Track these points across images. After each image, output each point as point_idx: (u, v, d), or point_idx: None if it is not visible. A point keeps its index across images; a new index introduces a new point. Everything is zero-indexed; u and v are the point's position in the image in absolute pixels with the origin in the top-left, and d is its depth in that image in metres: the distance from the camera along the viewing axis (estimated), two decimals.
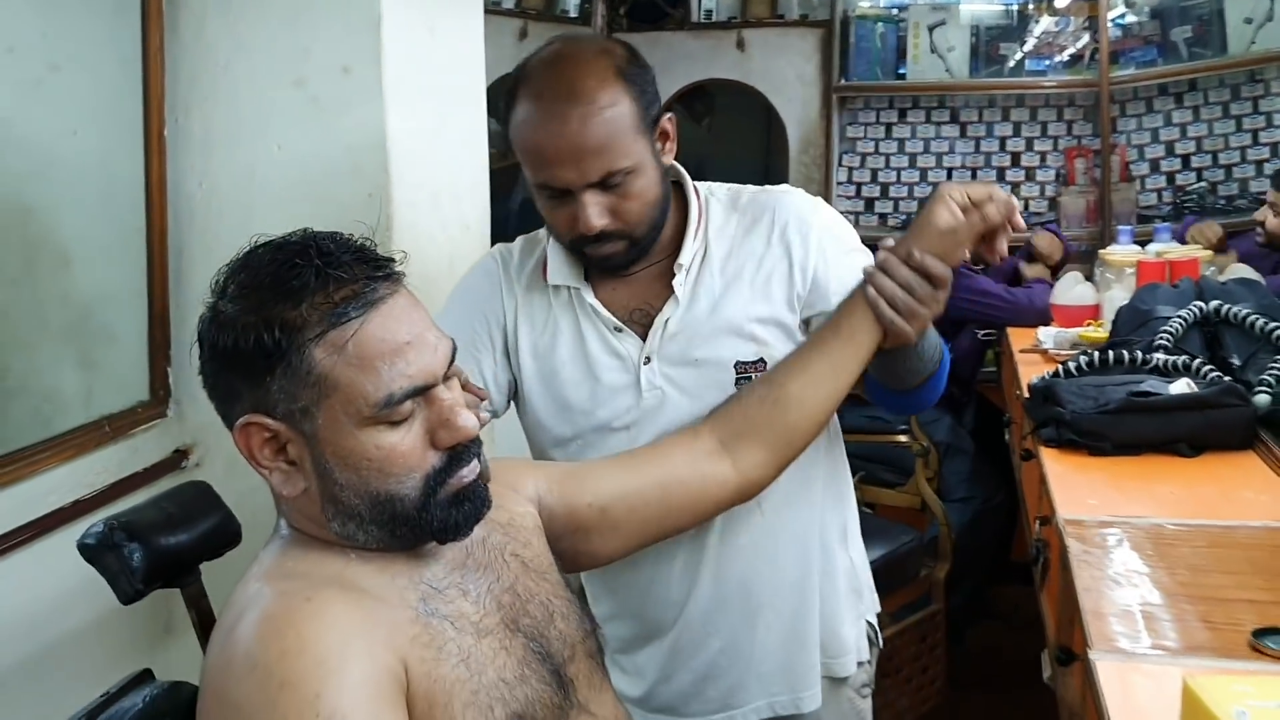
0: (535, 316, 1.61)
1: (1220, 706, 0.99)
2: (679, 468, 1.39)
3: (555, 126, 1.42)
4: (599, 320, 1.59)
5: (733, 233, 1.61)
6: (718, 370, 1.56)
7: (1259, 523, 1.67)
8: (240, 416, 1.06)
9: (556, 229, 1.52)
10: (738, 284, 1.58)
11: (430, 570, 1.12)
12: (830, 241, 1.60)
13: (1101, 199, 4.27)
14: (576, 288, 1.58)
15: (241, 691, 0.96)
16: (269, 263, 1.05)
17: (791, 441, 1.44)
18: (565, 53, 1.47)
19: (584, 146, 1.42)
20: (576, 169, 1.44)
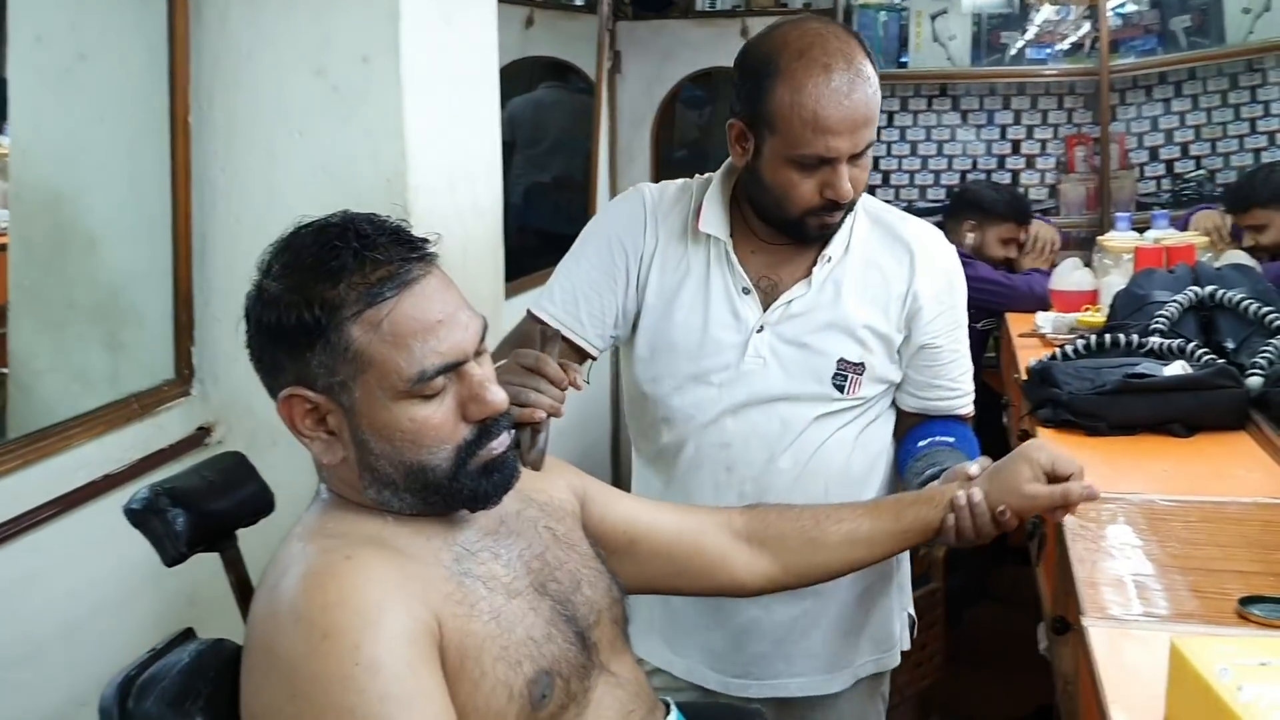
0: (669, 257, 1.68)
1: (1205, 665, 1.05)
2: (708, 536, 1.45)
3: (844, 98, 1.50)
4: (732, 276, 1.66)
5: (873, 242, 1.69)
6: (822, 360, 1.65)
7: (1249, 498, 1.73)
8: (284, 389, 1.12)
9: (796, 199, 1.57)
10: (865, 290, 1.67)
11: (464, 534, 1.19)
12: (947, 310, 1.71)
13: (1101, 186, 4.31)
14: (723, 240, 1.66)
15: (286, 641, 1.02)
16: (311, 244, 1.12)
17: (804, 576, 1.51)
18: (824, 32, 1.54)
19: (865, 117, 1.52)
20: (852, 138, 1.52)
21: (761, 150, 1.57)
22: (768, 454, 1.67)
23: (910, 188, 4.61)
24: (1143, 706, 1.15)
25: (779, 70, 1.52)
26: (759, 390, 1.65)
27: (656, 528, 1.43)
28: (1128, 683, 1.21)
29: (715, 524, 1.47)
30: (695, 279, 1.67)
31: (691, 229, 1.68)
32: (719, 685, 1.76)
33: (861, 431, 1.72)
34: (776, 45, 1.54)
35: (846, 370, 1.66)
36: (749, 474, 1.69)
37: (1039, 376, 2.24)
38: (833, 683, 1.77)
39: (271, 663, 1.03)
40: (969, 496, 1.44)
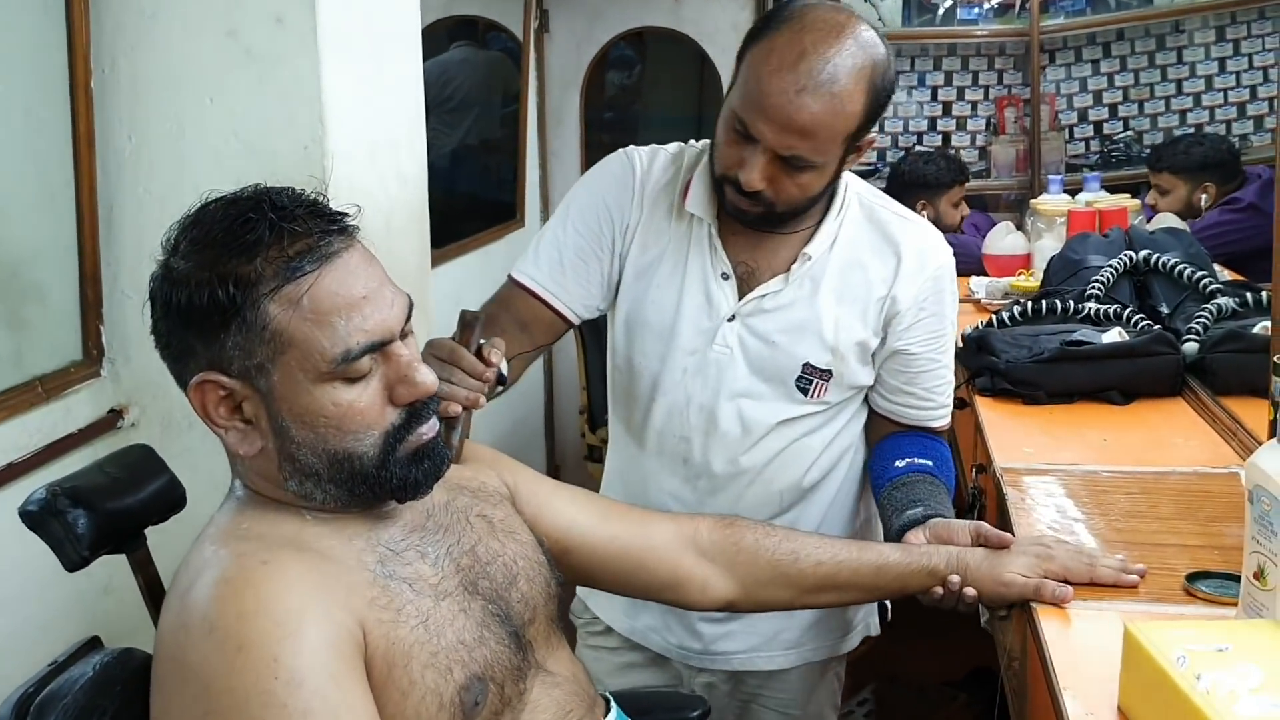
0: (651, 231, 1.62)
1: (1161, 653, 1.03)
2: (660, 552, 1.38)
3: (792, 89, 1.40)
4: (712, 258, 1.60)
5: (861, 241, 1.61)
6: (788, 361, 1.59)
7: (1188, 468, 1.73)
8: (195, 375, 1.04)
9: (720, 156, 1.51)
10: (844, 292, 1.60)
11: (388, 532, 1.12)
12: (929, 318, 1.63)
13: (1031, 148, 4.32)
14: (706, 222, 1.59)
15: (199, 654, 0.95)
16: (222, 218, 1.04)
17: (764, 606, 1.46)
18: (846, 31, 1.43)
19: (802, 127, 1.41)
20: (779, 136, 1.43)
21: (728, 94, 1.50)
22: (727, 455, 1.63)
23: None
24: (1095, 690, 1.12)
25: (776, 29, 1.44)
26: (723, 382, 1.60)
27: (594, 540, 1.35)
28: (1078, 666, 1.19)
29: (675, 538, 1.39)
30: (674, 257, 1.61)
31: (677, 206, 1.61)
32: (664, 650, 1.73)
33: (825, 439, 1.67)
34: (798, 11, 1.45)
35: (812, 375, 1.60)
36: (704, 470, 1.64)
37: (975, 344, 2.22)
38: (778, 659, 1.74)
39: (183, 677, 0.96)
40: (964, 592, 1.37)
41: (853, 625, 1.79)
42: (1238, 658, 1.01)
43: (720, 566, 1.40)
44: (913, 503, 1.54)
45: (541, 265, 1.65)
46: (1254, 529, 1.14)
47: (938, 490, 1.58)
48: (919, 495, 1.56)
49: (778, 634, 1.72)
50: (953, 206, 3.69)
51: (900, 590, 1.41)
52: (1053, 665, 1.19)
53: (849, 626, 1.79)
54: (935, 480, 1.60)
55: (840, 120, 1.43)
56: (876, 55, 1.45)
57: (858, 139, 1.48)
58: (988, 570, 1.37)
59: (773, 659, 1.73)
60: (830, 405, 1.64)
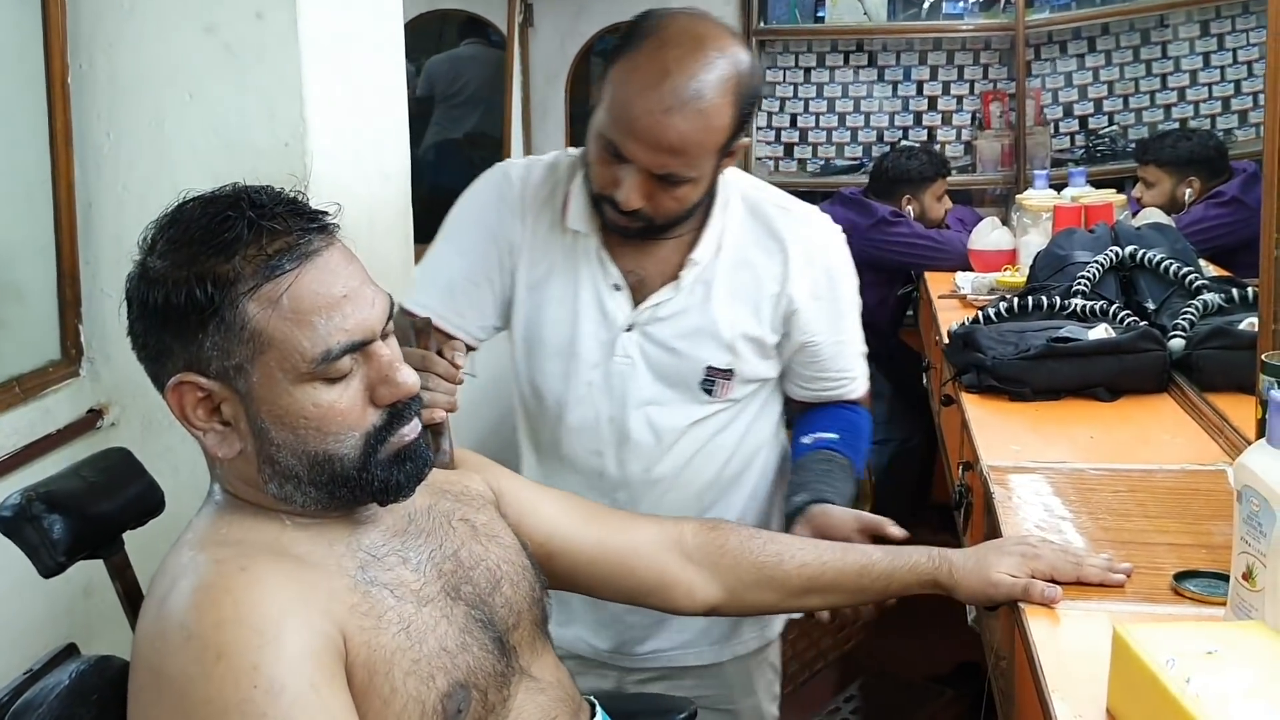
0: (539, 248, 1.61)
1: (1151, 656, 1.02)
2: (645, 557, 1.37)
3: (658, 110, 1.39)
4: (602, 272, 1.59)
5: (746, 240, 1.61)
6: (690, 365, 1.59)
7: (1175, 465, 1.72)
8: (172, 376, 1.03)
9: (594, 176, 1.50)
10: (736, 291, 1.60)
11: (369, 537, 1.10)
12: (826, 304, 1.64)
13: (1016, 143, 4.32)
14: (590, 236, 1.58)
15: (176, 663, 0.94)
16: (199, 216, 1.03)
17: (749, 609, 1.46)
18: (706, 43, 1.42)
19: (672, 145, 1.41)
20: (651, 155, 1.42)
21: (595, 111, 1.49)
22: (642, 464, 1.63)
23: (827, 145, 4.58)
24: (1083, 692, 1.11)
25: (637, 47, 1.43)
26: (628, 393, 1.60)
27: (579, 543, 1.34)
28: (1066, 666, 1.18)
29: (660, 542, 1.38)
30: (565, 272, 1.60)
31: (560, 220, 1.61)
32: (595, 655, 1.74)
33: (738, 433, 1.67)
34: (656, 25, 1.45)
35: (714, 376, 1.60)
36: (622, 483, 1.64)
37: (962, 341, 2.21)
38: (707, 655, 1.74)
39: (160, 686, 0.94)
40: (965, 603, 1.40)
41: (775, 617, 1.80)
42: (1227, 660, 1.01)
43: (705, 570, 1.39)
44: (799, 488, 1.56)
45: (432, 292, 1.63)
46: (1242, 529, 1.13)
47: (833, 470, 1.59)
48: (808, 479, 1.57)
49: (706, 629, 1.72)
50: (936, 200, 3.70)
51: (885, 591, 1.40)
52: (1041, 667, 1.18)
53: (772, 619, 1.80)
54: (834, 457, 1.61)
55: (710, 135, 1.43)
56: (740, 64, 1.45)
57: (729, 147, 1.49)
58: (975, 570, 1.36)
59: (701, 654, 1.74)
60: (737, 401, 1.64)
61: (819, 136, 4.59)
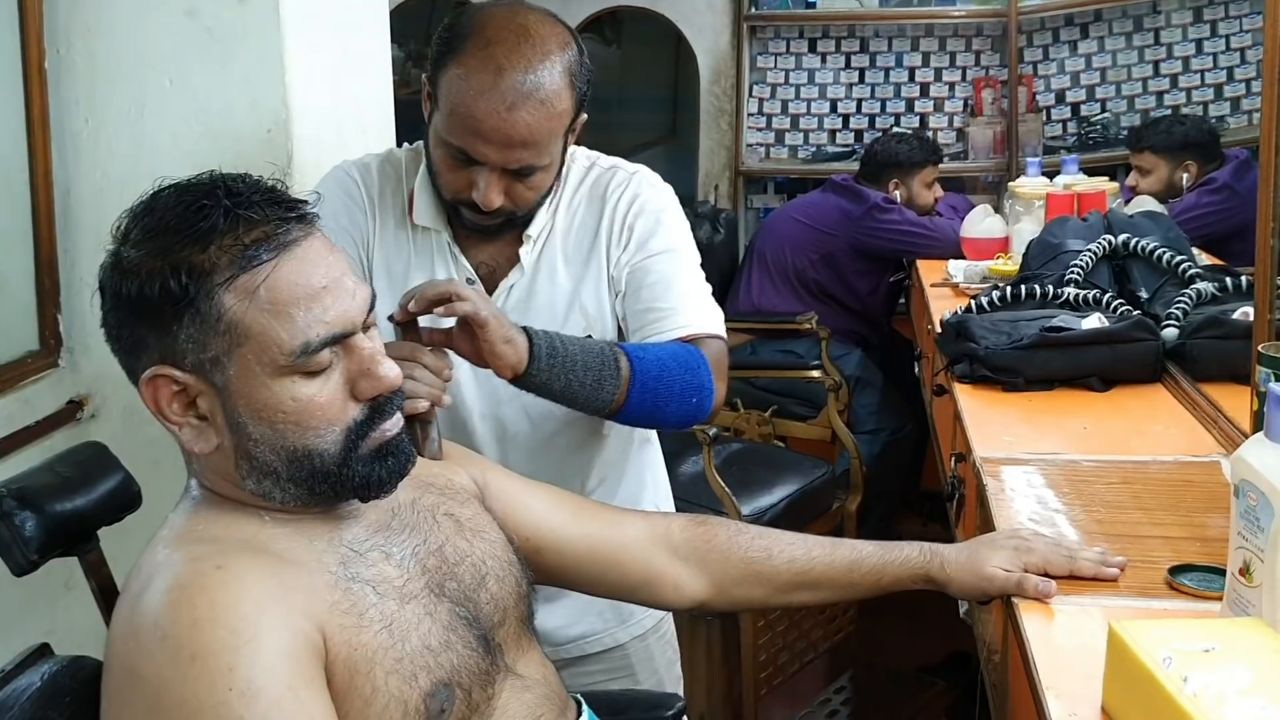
0: (390, 248, 1.58)
1: (1147, 653, 1.00)
2: (630, 549, 1.35)
3: (502, 108, 1.38)
4: (455, 267, 1.57)
5: (578, 207, 1.60)
6: None
7: (1169, 457, 1.70)
8: (147, 369, 1.00)
9: (445, 184, 1.49)
10: (575, 257, 1.58)
11: (351, 532, 1.08)
12: (642, 245, 1.58)
13: (1009, 130, 4.29)
14: (440, 232, 1.56)
15: (151, 665, 0.92)
16: (174, 205, 1.00)
17: (738, 604, 1.43)
18: (531, 32, 1.41)
19: (522, 139, 1.41)
20: (502, 154, 1.41)
21: (432, 119, 1.48)
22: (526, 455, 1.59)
23: (819, 132, 4.55)
24: (1078, 689, 1.10)
25: (462, 50, 1.41)
26: (497, 385, 1.53)
27: (565, 538, 1.31)
28: (1060, 663, 1.16)
29: (648, 537, 1.36)
30: (420, 268, 1.57)
31: (407, 218, 1.58)
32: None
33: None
34: (474, 24, 1.43)
35: None
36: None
37: (954, 330, 2.19)
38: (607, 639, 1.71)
39: (134, 688, 0.92)
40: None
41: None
42: (1225, 658, 0.99)
43: (692, 565, 1.36)
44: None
45: None
46: (1239, 524, 1.12)
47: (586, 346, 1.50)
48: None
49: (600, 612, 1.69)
50: (925, 187, 3.68)
51: (875, 587, 1.37)
52: (1035, 664, 1.16)
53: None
54: (600, 345, 1.51)
55: (555, 121, 1.43)
56: (567, 46, 1.45)
57: (572, 127, 1.49)
58: (967, 564, 1.34)
59: (602, 639, 1.71)
60: None
61: (810, 123, 4.56)
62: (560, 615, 1.66)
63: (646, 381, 1.47)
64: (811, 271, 3.63)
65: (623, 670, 1.73)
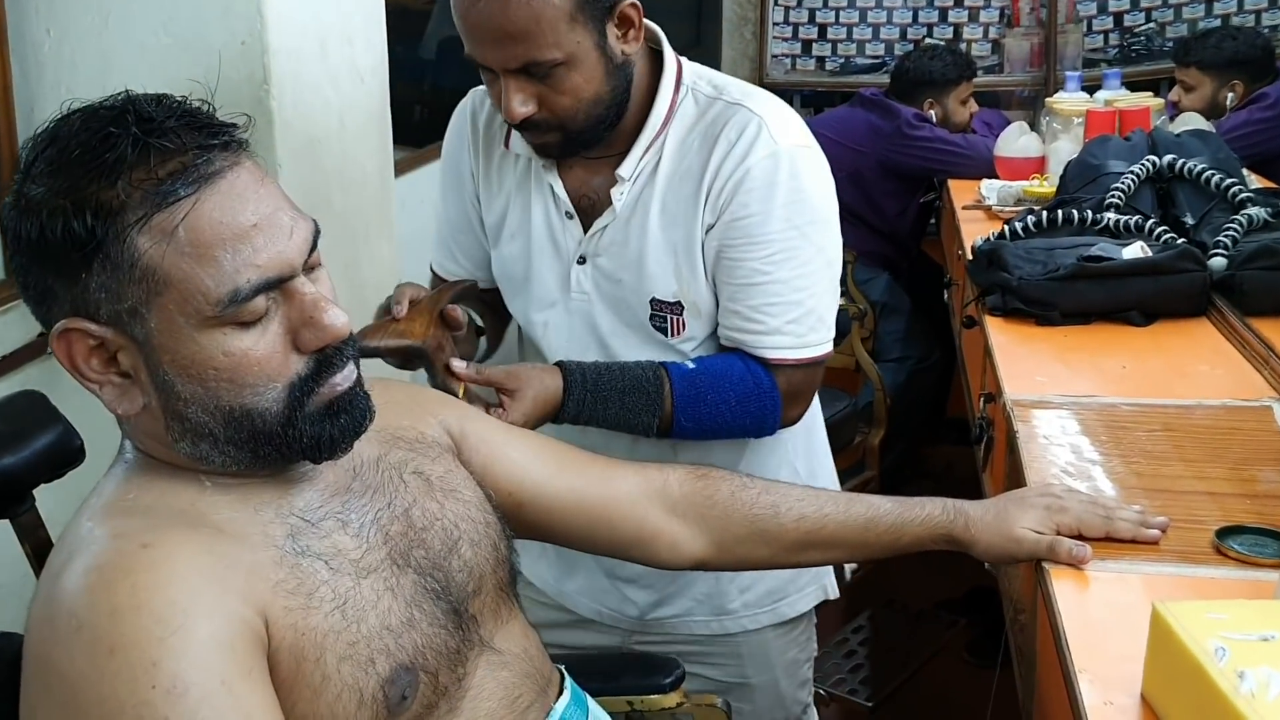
0: (493, 178, 1.51)
1: (1197, 641, 0.88)
2: (622, 504, 1.22)
3: (470, 5, 1.28)
4: (552, 199, 1.45)
5: (690, 147, 1.40)
6: (636, 299, 1.43)
7: (1215, 401, 1.58)
8: (58, 321, 0.88)
9: (495, 106, 1.38)
10: (676, 213, 1.40)
11: (303, 498, 0.97)
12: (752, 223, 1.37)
13: (1047, 41, 4.09)
14: (537, 160, 1.44)
15: (66, 657, 0.82)
16: (79, 133, 0.87)
17: (742, 563, 1.32)
18: None
19: (502, 30, 1.27)
20: (496, 51, 1.29)
21: None
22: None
23: (847, 43, 4.37)
24: (1115, 673, 0.99)
25: None
26: (589, 331, 1.45)
27: (550, 492, 1.19)
28: (1095, 642, 1.05)
29: (642, 492, 1.24)
30: (519, 202, 1.47)
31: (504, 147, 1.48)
32: (596, 615, 1.59)
33: None
34: None
35: (663, 311, 1.42)
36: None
37: (987, 258, 2.05)
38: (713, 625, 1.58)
39: (48, 681, 0.82)
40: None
41: (802, 588, 1.63)
42: None
43: (691, 522, 1.24)
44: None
45: (440, 246, 1.61)
46: None
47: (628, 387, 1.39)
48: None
49: (710, 597, 1.56)
50: (960, 104, 3.51)
51: (893, 547, 1.26)
52: (1066, 640, 1.05)
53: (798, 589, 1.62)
54: (644, 372, 1.40)
55: (543, 7, 1.26)
56: None
57: (605, 13, 1.30)
58: (994, 523, 1.22)
59: (708, 624, 1.58)
60: (698, 341, 1.45)
61: (839, 33, 4.37)
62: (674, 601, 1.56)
63: (689, 405, 1.40)
64: (839, 191, 3.47)
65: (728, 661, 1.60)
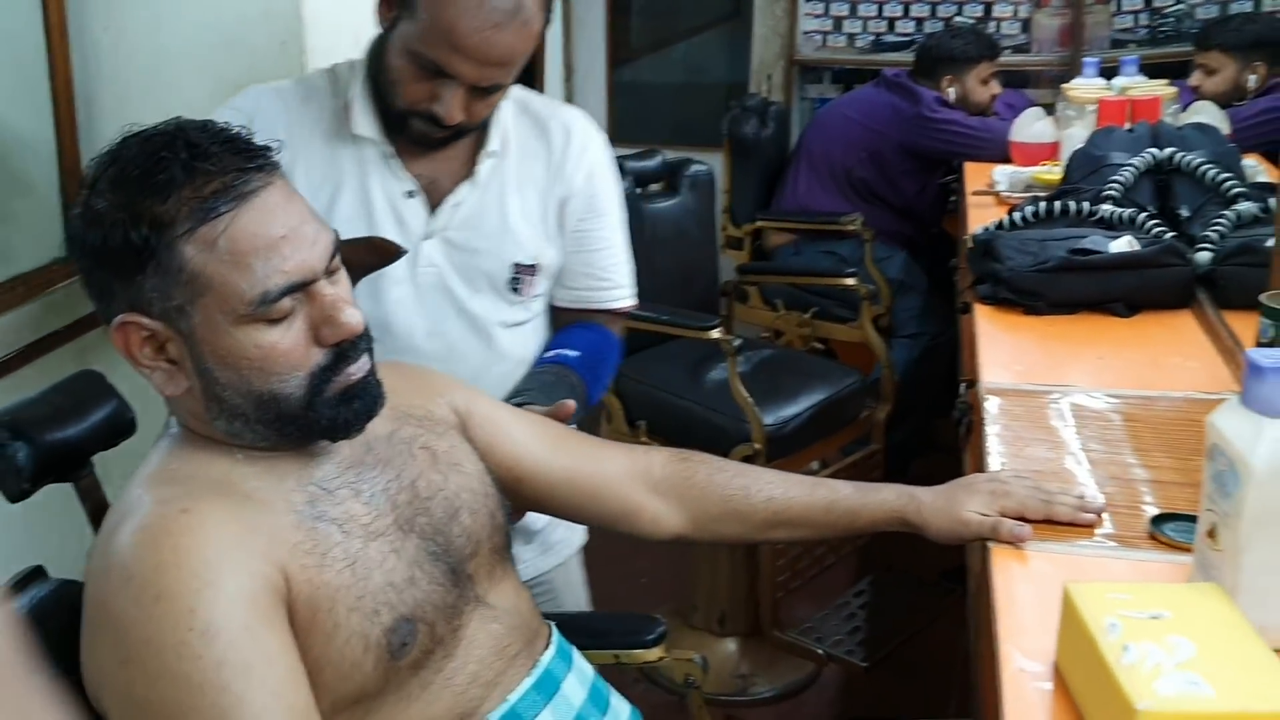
0: (315, 164, 1.54)
1: (1094, 617, 1.00)
2: (613, 486, 1.37)
3: (487, 27, 1.38)
4: (394, 181, 1.55)
5: (525, 133, 1.61)
6: (497, 264, 1.58)
7: (1179, 393, 1.67)
8: (116, 315, 1.04)
9: (402, 94, 1.47)
10: (525, 186, 1.59)
11: (322, 469, 1.12)
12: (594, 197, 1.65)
13: (1075, 21, 4.12)
14: (378, 143, 1.54)
15: (118, 602, 0.97)
16: (136, 156, 1.03)
17: (717, 538, 1.45)
18: None
19: (500, 58, 1.41)
20: (479, 71, 1.41)
21: (396, 27, 1.44)
22: (471, 373, 1.57)
23: (878, 20, 4.41)
24: (1036, 645, 1.11)
25: None
26: (441, 303, 1.58)
27: (547, 469, 1.34)
28: (1023, 615, 1.17)
29: (628, 472, 1.39)
30: (352, 187, 1.54)
31: (337, 131, 1.55)
32: None
33: (539, 339, 1.69)
34: None
35: (521, 273, 1.60)
36: None
37: (983, 248, 2.15)
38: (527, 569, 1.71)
39: (104, 622, 0.98)
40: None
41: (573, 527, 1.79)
42: (1172, 627, 0.99)
43: (671, 500, 1.39)
44: (515, 394, 1.56)
45: None
46: (1209, 486, 1.10)
47: (558, 384, 1.58)
48: (528, 385, 1.58)
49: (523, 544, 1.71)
50: (981, 84, 3.55)
51: (851, 527, 1.40)
52: (996, 611, 1.18)
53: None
54: (566, 374, 1.60)
55: (530, 42, 1.44)
56: None
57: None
58: (944, 507, 1.35)
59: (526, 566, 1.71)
60: (542, 297, 1.66)
61: (869, 10, 4.41)
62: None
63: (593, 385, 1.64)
64: (859, 170, 3.55)
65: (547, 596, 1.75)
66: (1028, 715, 1.02)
